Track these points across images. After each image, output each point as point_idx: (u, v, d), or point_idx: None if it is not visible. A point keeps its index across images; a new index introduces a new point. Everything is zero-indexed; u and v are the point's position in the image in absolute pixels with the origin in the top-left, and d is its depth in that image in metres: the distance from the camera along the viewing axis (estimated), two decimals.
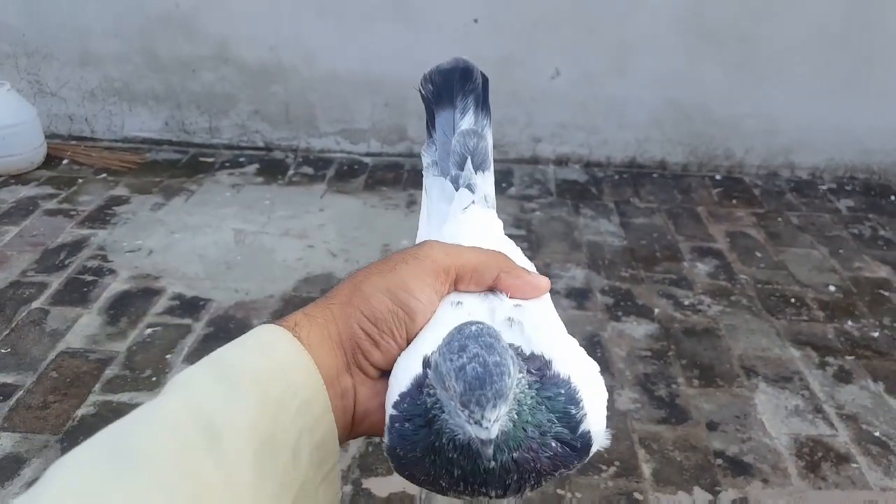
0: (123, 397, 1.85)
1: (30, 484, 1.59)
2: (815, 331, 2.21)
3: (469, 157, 0.58)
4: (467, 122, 0.58)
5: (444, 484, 0.41)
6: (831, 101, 3.13)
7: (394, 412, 0.42)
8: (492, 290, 0.49)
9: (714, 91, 3.15)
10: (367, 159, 3.34)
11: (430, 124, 0.61)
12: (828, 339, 2.17)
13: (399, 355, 0.46)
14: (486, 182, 0.58)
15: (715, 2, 3.00)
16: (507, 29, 3.06)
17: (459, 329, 0.39)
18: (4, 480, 1.60)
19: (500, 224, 0.59)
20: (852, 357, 2.09)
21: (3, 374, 1.92)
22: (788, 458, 1.73)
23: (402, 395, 0.42)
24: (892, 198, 3.14)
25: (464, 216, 0.56)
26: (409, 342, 0.46)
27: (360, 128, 3.34)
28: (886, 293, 2.42)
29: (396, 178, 3.17)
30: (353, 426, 0.46)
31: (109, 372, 1.94)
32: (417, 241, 0.54)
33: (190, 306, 2.22)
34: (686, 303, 2.32)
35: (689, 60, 3.10)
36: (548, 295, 0.52)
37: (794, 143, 3.25)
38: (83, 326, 2.11)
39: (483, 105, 0.60)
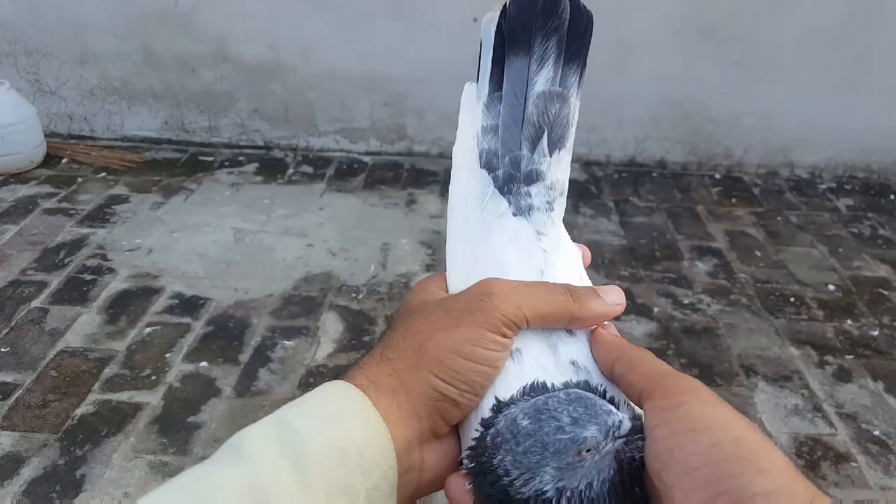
0: (123, 396, 1.85)
1: (30, 483, 1.59)
2: (814, 330, 2.21)
3: (546, 132, 0.46)
4: (545, 77, 0.46)
5: None
6: (830, 100, 3.13)
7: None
8: None
9: (713, 89, 3.15)
10: (366, 158, 3.34)
11: (494, 76, 0.47)
12: (827, 338, 2.17)
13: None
14: (559, 165, 0.48)
15: (713, 1, 3.00)
16: None
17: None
18: (4, 479, 1.60)
19: (566, 247, 0.48)
20: (852, 356, 2.09)
21: (3, 373, 1.92)
22: (788, 456, 1.73)
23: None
24: (892, 197, 3.14)
25: (509, 230, 0.47)
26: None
27: (359, 126, 3.34)
28: (886, 292, 2.42)
29: (396, 177, 3.17)
30: (414, 496, 0.43)
31: (109, 371, 1.93)
32: (449, 256, 0.49)
33: (189, 305, 2.22)
34: (685, 302, 2.32)
35: (688, 59, 3.10)
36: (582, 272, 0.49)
37: (793, 141, 3.25)
38: (83, 325, 2.11)
39: (574, 56, 0.46)
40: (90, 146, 3.32)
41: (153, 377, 1.92)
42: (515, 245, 0.46)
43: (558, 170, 0.48)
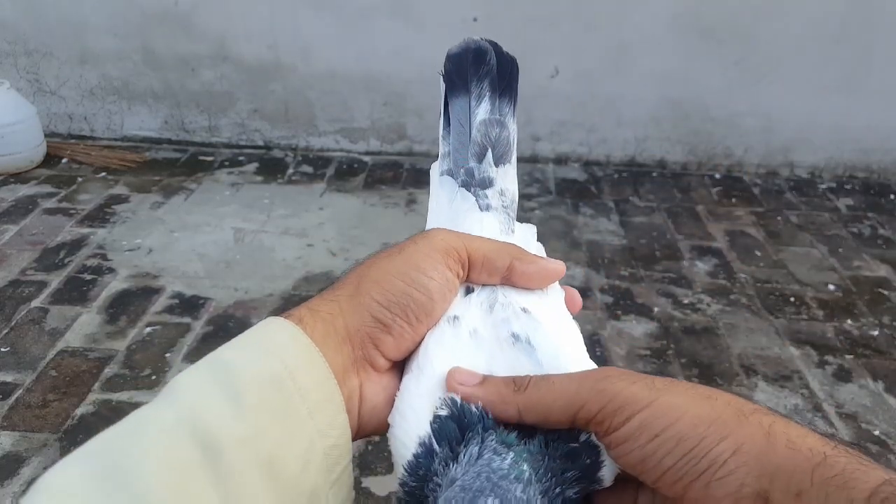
0: (123, 396, 1.85)
1: (29, 483, 1.59)
2: (814, 330, 2.21)
3: (490, 149, 0.54)
4: (483, 109, 0.54)
5: None
6: (830, 100, 3.13)
7: (404, 474, 0.41)
8: (504, 281, 0.48)
9: (712, 89, 3.15)
10: (366, 158, 3.34)
11: (446, 113, 0.57)
12: (827, 337, 2.18)
13: (414, 346, 0.44)
14: (506, 176, 0.55)
15: (713, 0, 3.00)
16: (507, 27, 3.06)
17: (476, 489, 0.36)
18: (4, 479, 1.60)
19: (523, 230, 0.55)
20: (852, 356, 2.09)
21: (3, 373, 1.92)
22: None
23: (412, 464, 0.41)
24: (892, 197, 3.14)
25: (476, 220, 0.52)
26: (429, 327, 0.44)
27: (359, 126, 3.34)
28: (886, 292, 2.42)
29: (396, 176, 3.17)
30: (359, 427, 0.43)
31: (109, 371, 1.94)
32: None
33: (189, 305, 2.22)
34: (685, 301, 2.32)
35: (688, 59, 3.10)
36: (560, 295, 0.50)
37: (793, 141, 3.25)
38: (82, 325, 2.11)
39: (505, 90, 0.55)
40: (90, 146, 3.33)
41: (153, 377, 1.92)
42: (487, 233, 0.51)
43: (506, 180, 0.54)
